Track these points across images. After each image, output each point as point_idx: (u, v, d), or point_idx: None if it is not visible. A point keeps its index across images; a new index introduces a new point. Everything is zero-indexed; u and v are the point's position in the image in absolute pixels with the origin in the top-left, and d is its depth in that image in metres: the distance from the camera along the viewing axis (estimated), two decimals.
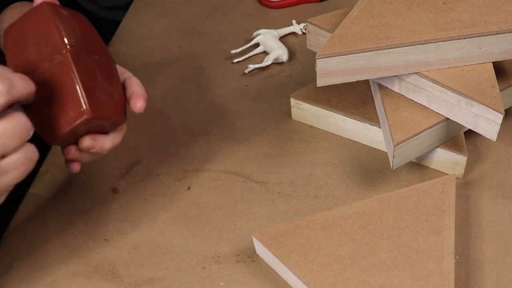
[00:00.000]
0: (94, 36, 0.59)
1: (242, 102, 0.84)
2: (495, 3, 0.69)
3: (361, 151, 0.76)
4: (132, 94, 0.60)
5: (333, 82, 0.69)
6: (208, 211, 0.71)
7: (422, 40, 0.66)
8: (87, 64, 0.55)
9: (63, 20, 0.55)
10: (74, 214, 0.71)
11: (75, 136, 0.56)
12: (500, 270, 0.63)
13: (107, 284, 0.64)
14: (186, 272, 0.65)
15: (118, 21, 0.99)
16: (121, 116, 0.59)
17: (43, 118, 0.54)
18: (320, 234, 0.62)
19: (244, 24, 0.97)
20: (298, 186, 0.72)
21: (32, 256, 0.67)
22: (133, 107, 0.60)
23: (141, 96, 0.60)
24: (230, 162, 0.76)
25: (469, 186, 0.71)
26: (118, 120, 0.59)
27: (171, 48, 0.94)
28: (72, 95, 0.53)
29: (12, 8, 0.74)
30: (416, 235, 0.62)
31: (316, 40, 0.77)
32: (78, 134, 0.56)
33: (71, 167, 0.60)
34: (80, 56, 0.54)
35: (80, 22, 0.58)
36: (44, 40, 0.54)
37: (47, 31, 0.54)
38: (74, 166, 0.60)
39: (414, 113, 0.69)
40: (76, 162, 0.60)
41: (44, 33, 0.54)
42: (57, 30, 0.54)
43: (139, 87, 0.61)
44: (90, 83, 0.54)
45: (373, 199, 0.65)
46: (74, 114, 0.53)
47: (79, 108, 0.53)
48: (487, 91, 0.65)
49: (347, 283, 0.58)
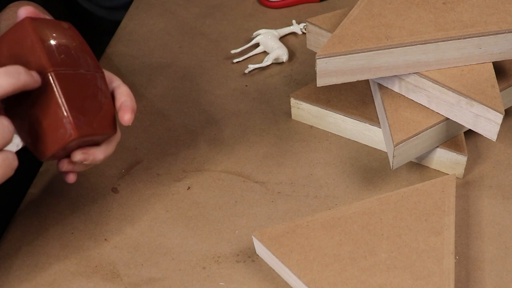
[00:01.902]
0: (80, 47, 0.57)
1: (242, 102, 0.84)
2: (495, 3, 0.69)
3: (361, 151, 0.76)
4: (120, 106, 0.59)
5: (333, 82, 0.69)
6: (208, 211, 0.71)
7: (422, 40, 0.66)
8: (72, 81, 0.54)
9: (46, 36, 0.54)
10: (74, 214, 0.71)
11: (66, 151, 0.56)
12: (500, 270, 0.63)
13: (107, 284, 0.64)
14: (186, 272, 0.65)
15: (118, 21, 0.99)
16: (109, 129, 0.58)
17: (33, 135, 0.54)
18: (320, 234, 0.62)
19: (244, 24, 0.97)
20: (298, 186, 0.72)
21: (32, 256, 0.67)
22: (121, 119, 0.58)
23: (129, 108, 0.58)
24: (230, 162, 0.76)
25: (469, 186, 0.71)
26: (106, 133, 0.58)
27: (171, 48, 0.94)
28: (57, 116, 0.53)
29: (11, 8, 0.74)
30: (416, 235, 0.62)
31: (316, 40, 0.77)
32: (69, 149, 0.56)
33: (67, 178, 0.60)
34: (64, 74, 0.53)
35: (65, 34, 0.56)
36: (28, 60, 0.53)
37: (30, 50, 0.53)
38: (70, 177, 0.60)
39: (414, 113, 0.69)
40: (72, 173, 0.60)
41: (27, 52, 0.53)
42: (40, 50, 0.53)
43: (127, 98, 0.59)
44: (75, 101, 0.54)
45: (373, 199, 0.65)
46: (61, 135, 0.53)
47: (65, 129, 0.53)
48: (487, 91, 0.65)
49: (347, 283, 0.58)
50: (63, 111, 0.53)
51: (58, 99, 0.53)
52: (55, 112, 0.53)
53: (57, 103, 0.53)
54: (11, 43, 0.54)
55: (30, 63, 0.53)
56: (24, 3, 0.75)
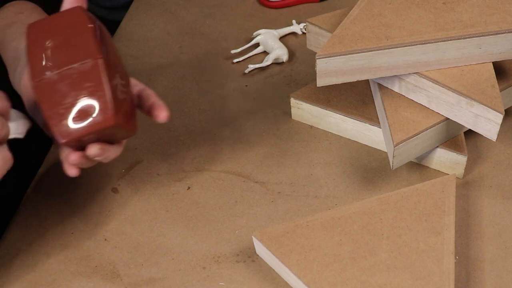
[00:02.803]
0: (114, 46, 0.60)
1: (242, 102, 0.84)
2: (495, 3, 0.69)
3: (361, 151, 0.76)
4: (153, 105, 0.60)
5: (333, 82, 0.69)
6: (208, 211, 0.71)
7: (422, 40, 0.66)
8: (112, 74, 0.56)
9: (95, 27, 0.56)
10: (74, 214, 0.71)
11: (85, 141, 0.56)
12: (500, 270, 0.63)
13: (107, 284, 0.64)
14: (186, 272, 0.65)
15: (118, 21, 0.99)
16: (135, 128, 0.60)
17: (60, 116, 0.54)
18: (320, 234, 0.62)
19: (244, 24, 0.97)
20: (298, 186, 0.72)
21: (32, 256, 0.67)
22: (158, 117, 0.60)
23: (164, 107, 0.60)
24: (230, 162, 0.76)
25: (469, 186, 0.71)
26: (132, 132, 0.59)
27: (171, 48, 0.94)
28: (99, 99, 0.54)
29: (8, 8, 0.74)
30: (416, 235, 0.62)
31: (316, 40, 0.77)
32: (89, 139, 0.56)
33: (70, 171, 0.59)
34: (108, 65, 0.55)
35: (106, 33, 0.59)
36: (78, 42, 0.55)
37: (82, 34, 0.55)
38: (74, 170, 0.59)
39: (414, 113, 0.69)
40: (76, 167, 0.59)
41: (78, 35, 0.55)
42: (93, 36, 0.55)
43: (157, 98, 0.61)
44: (115, 92, 0.55)
45: (373, 199, 0.65)
46: (100, 118, 0.54)
47: (106, 114, 0.54)
48: (487, 91, 0.65)
49: (347, 283, 0.58)
50: (106, 95, 0.54)
51: (104, 84, 0.54)
52: (98, 95, 0.54)
53: (102, 87, 0.54)
54: (62, 23, 0.56)
55: (81, 46, 0.55)
56: (21, 2, 0.75)
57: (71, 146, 0.56)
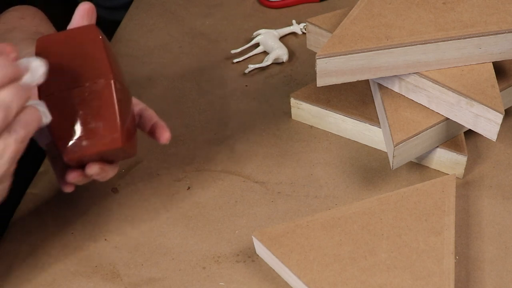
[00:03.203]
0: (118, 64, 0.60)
1: (242, 102, 0.84)
2: (495, 3, 0.69)
3: (361, 151, 0.76)
4: (155, 125, 0.61)
5: (333, 82, 0.69)
6: (208, 211, 0.71)
7: (422, 40, 0.66)
8: (121, 95, 0.56)
9: (108, 47, 0.56)
10: (74, 214, 0.71)
11: (87, 160, 0.56)
12: (500, 270, 0.63)
13: (107, 284, 0.64)
14: (186, 272, 0.65)
15: (118, 21, 0.99)
16: (135, 149, 0.60)
17: (68, 133, 0.54)
18: (320, 234, 0.62)
19: (244, 24, 0.97)
20: (298, 186, 0.72)
21: (32, 256, 0.67)
22: (160, 138, 0.61)
23: (166, 128, 0.61)
24: (230, 162, 0.76)
25: (469, 186, 0.71)
26: (133, 153, 0.59)
27: (171, 48, 0.94)
28: (109, 120, 0.54)
29: (10, 12, 0.74)
30: (416, 235, 0.62)
31: (316, 40, 0.77)
32: (91, 158, 0.56)
33: (66, 188, 0.59)
34: (117, 86, 0.55)
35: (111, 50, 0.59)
36: (90, 61, 0.55)
37: (95, 53, 0.55)
38: (70, 187, 0.59)
39: (414, 113, 0.69)
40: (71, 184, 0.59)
41: (90, 54, 0.55)
42: (106, 57, 0.55)
43: (159, 119, 0.62)
44: (123, 114, 0.55)
45: (373, 199, 0.65)
46: (108, 139, 0.54)
47: (114, 135, 0.54)
48: (487, 91, 0.65)
49: (347, 283, 0.58)
50: (116, 117, 0.54)
51: (115, 106, 0.54)
52: (108, 116, 0.54)
53: (113, 108, 0.54)
54: (75, 40, 0.56)
55: (93, 65, 0.55)
56: (24, 7, 0.75)
57: (73, 163, 0.56)
